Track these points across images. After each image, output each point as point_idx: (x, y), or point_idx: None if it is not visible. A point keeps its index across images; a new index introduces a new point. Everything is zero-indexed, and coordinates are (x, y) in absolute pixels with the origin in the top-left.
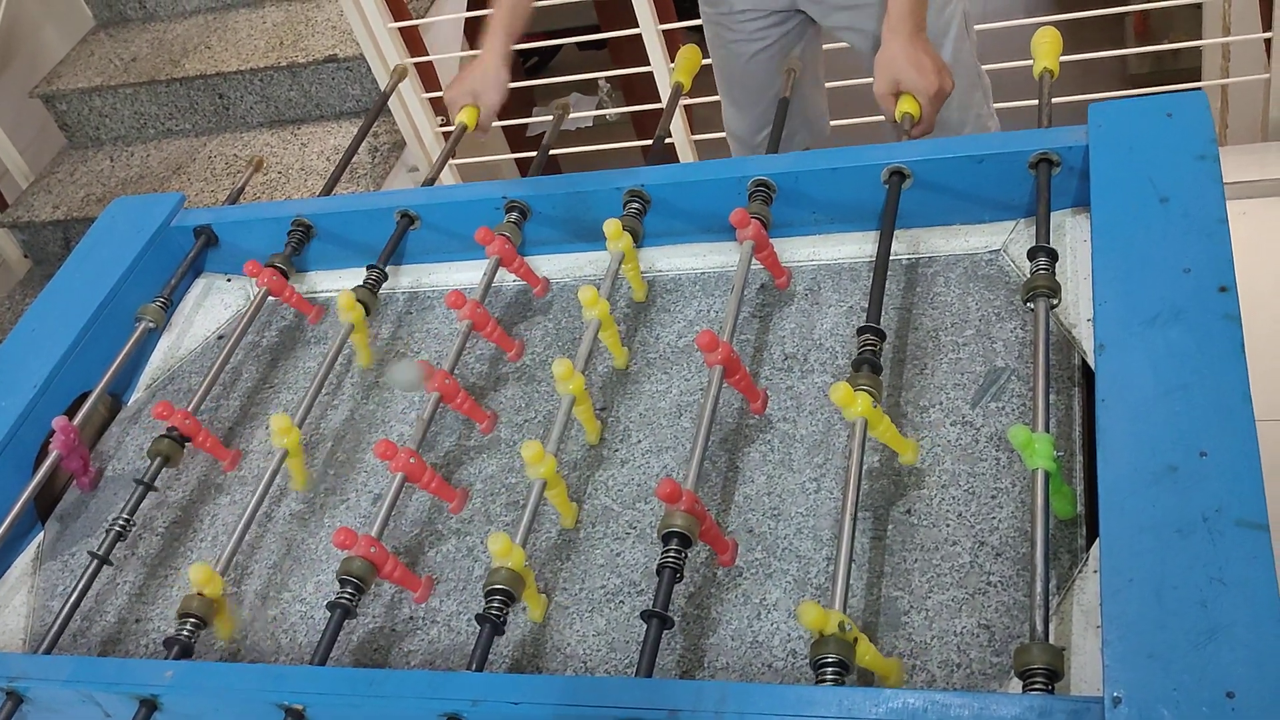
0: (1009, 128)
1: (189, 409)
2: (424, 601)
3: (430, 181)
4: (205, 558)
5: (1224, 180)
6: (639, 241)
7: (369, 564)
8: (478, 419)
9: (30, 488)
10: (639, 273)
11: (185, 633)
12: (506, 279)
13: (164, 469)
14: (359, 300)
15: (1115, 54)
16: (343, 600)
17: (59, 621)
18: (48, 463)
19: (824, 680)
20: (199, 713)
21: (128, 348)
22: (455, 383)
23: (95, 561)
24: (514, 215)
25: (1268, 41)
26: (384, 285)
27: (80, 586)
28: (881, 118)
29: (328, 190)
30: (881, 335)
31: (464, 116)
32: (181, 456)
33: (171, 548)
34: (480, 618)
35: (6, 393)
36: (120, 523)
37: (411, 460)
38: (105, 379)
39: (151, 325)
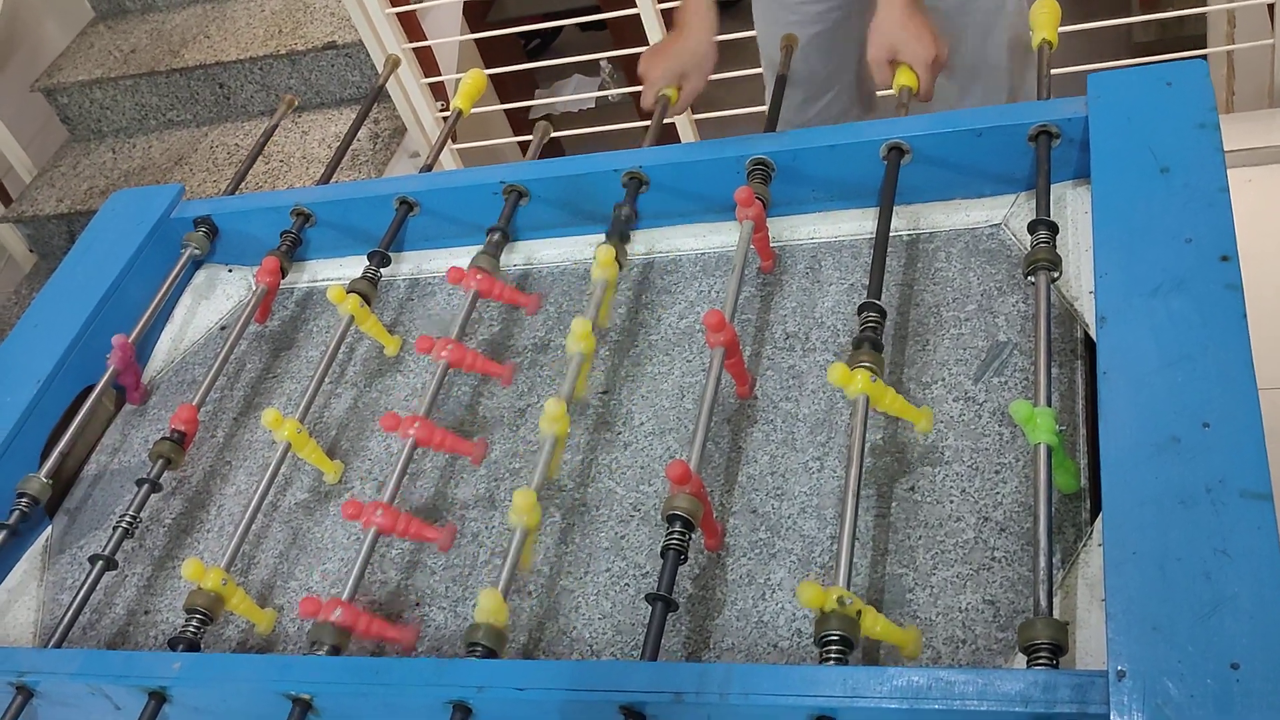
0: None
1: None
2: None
3: (429, 167)
4: (212, 549)
5: (1230, 147)
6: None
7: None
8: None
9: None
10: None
11: (191, 629)
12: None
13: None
14: (358, 291)
15: (1117, 23)
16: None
17: (69, 615)
18: (93, 396)
19: (828, 658)
20: (207, 704)
21: (173, 275)
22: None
23: (102, 561)
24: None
25: (1270, 7)
26: (384, 272)
27: (89, 582)
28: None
29: (326, 178)
30: (883, 312)
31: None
32: (183, 459)
33: (178, 540)
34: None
35: (11, 389)
36: (127, 520)
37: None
38: (144, 320)
39: (198, 252)
